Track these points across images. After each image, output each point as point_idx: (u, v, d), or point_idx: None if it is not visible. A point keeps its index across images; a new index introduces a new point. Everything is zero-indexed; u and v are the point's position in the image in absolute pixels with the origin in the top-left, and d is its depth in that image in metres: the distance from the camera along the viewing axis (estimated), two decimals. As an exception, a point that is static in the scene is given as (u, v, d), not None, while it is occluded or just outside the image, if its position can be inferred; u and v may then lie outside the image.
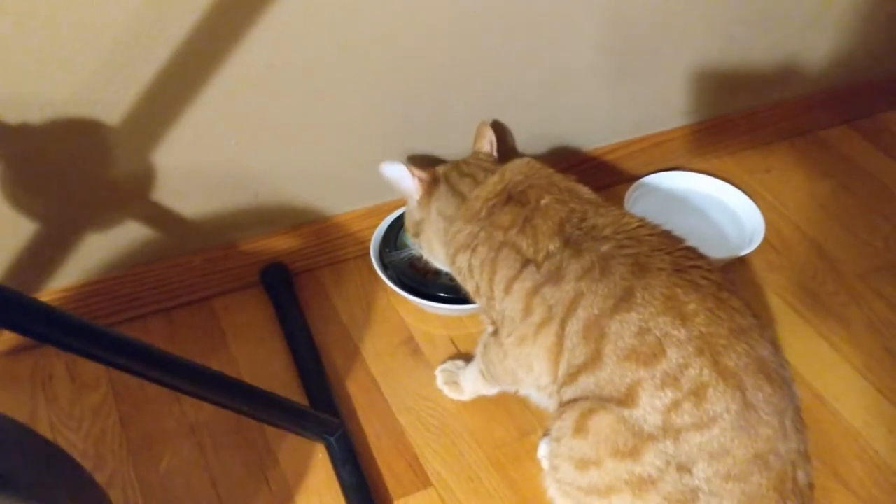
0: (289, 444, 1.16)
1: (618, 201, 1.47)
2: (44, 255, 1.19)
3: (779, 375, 0.88)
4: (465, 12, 1.22)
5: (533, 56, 1.33)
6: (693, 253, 0.97)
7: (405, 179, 1.17)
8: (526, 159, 1.12)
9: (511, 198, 1.06)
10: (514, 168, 1.10)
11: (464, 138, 1.35)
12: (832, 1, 1.52)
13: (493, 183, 1.09)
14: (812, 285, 1.41)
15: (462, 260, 1.08)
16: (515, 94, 1.37)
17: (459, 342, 1.30)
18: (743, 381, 0.85)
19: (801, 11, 1.51)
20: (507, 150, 1.42)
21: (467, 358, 1.23)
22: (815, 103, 1.68)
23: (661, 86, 1.50)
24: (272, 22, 1.09)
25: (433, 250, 1.20)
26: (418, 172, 1.17)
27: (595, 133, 1.50)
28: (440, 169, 1.19)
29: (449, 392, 1.21)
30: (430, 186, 1.17)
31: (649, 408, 0.87)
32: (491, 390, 1.17)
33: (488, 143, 1.21)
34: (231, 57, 1.10)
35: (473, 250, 1.06)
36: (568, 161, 1.50)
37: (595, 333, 0.92)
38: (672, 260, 0.93)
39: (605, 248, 0.96)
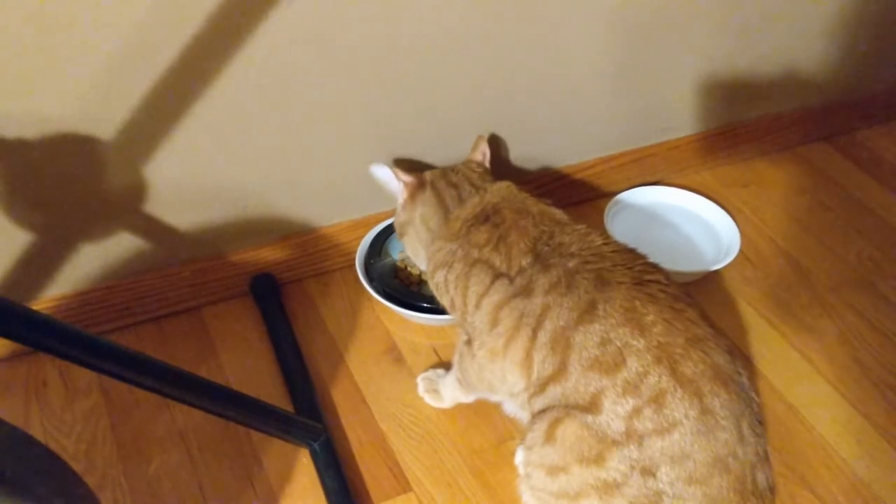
0: (274, 449, 1.19)
1: (598, 215, 1.51)
2: (38, 264, 1.22)
3: (734, 381, 0.92)
4: (452, 29, 1.26)
5: (518, 74, 1.37)
6: (652, 267, 1.01)
7: (391, 182, 1.25)
8: (506, 183, 1.18)
9: (487, 218, 1.11)
10: (493, 190, 1.16)
11: (451, 152, 1.39)
12: (813, 19, 1.56)
13: (473, 204, 1.14)
14: (786, 298, 1.45)
15: (440, 276, 1.13)
16: (501, 110, 1.40)
17: (441, 351, 1.33)
18: (700, 387, 0.89)
19: (782, 31, 1.55)
20: (501, 163, 1.46)
21: (448, 366, 1.26)
22: (793, 120, 1.72)
23: (643, 102, 1.53)
24: (261, 41, 1.13)
25: (416, 252, 1.25)
26: (403, 176, 1.23)
27: (577, 148, 1.54)
28: (427, 175, 1.24)
29: (429, 400, 1.25)
30: (416, 191, 1.22)
31: (612, 415, 0.91)
32: (469, 398, 1.21)
33: (481, 154, 1.26)
34: (221, 75, 1.14)
35: (450, 267, 1.11)
36: (550, 175, 1.53)
37: (561, 345, 0.96)
38: (632, 274, 0.98)
39: (571, 263, 1.00)
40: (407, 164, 1.38)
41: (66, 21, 1.01)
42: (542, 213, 1.11)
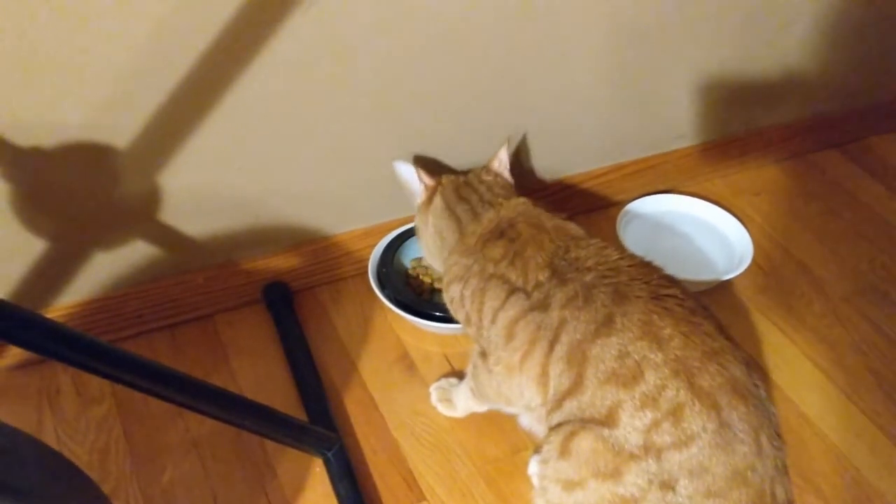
0: (287, 458, 1.19)
1: (610, 223, 1.51)
2: (52, 272, 1.22)
3: (752, 394, 0.91)
4: (461, 38, 1.26)
5: (530, 81, 1.37)
6: (669, 281, 1.01)
7: (413, 182, 1.26)
8: (522, 199, 1.19)
9: (503, 233, 1.12)
10: (508, 206, 1.17)
11: (463, 162, 1.39)
12: (824, 27, 1.56)
13: (488, 219, 1.15)
14: (798, 307, 1.44)
15: (455, 290, 1.13)
16: (512, 118, 1.40)
17: (454, 360, 1.33)
18: (718, 400, 0.89)
19: (793, 39, 1.55)
20: (513, 171, 1.46)
21: (461, 375, 1.26)
22: (804, 128, 1.72)
23: (654, 111, 1.53)
24: (274, 52, 1.13)
25: (430, 255, 1.28)
26: (426, 178, 1.25)
27: (589, 156, 1.54)
28: (443, 179, 1.25)
29: (442, 409, 1.25)
30: (431, 196, 1.24)
31: (630, 428, 0.90)
32: (482, 407, 1.21)
33: (497, 161, 1.27)
34: (235, 85, 1.14)
35: (465, 282, 1.11)
36: (562, 183, 1.53)
37: (578, 358, 0.96)
38: (649, 288, 0.98)
39: (588, 277, 1.01)
40: (428, 162, 1.38)
41: (80, 31, 1.01)
42: (557, 227, 1.11)
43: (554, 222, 1.12)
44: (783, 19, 1.51)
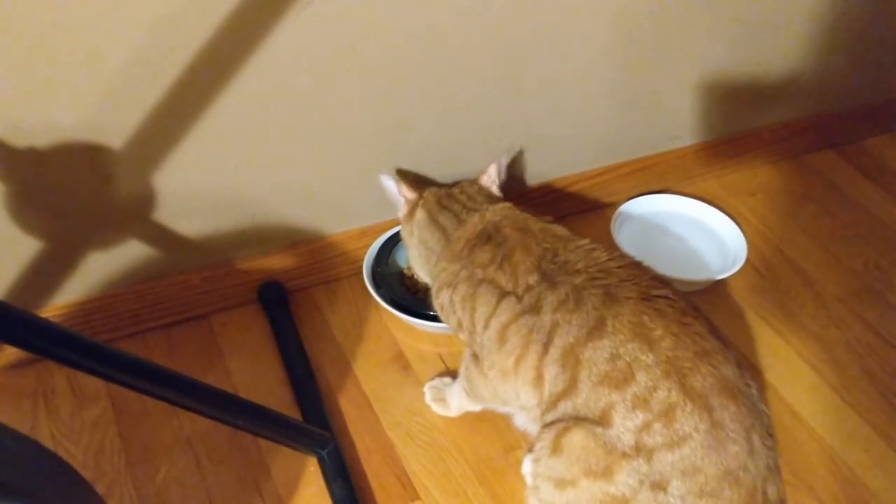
0: (282, 457, 1.19)
1: (604, 224, 1.51)
2: (47, 272, 1.22)
3: (743, 394, 0.92)
4: (460, 40, 1.26)
5: (524, 82, 1.37)
6: (659, 282, 1.02)
7: (395, 194, 1.28)
8: (506, 203, 1.19)
9: (489, 237, 1.12)
10: (493, 210, 1.17)
11: (458, 161, 1.39)
12: (820, 28, 1.56)
13: (473, 224, 1.15)
14: (793, 307, 1.45)
15: (445, 296, 1.13)
16: (506, 119, 1.41)
17: (448, 359, 1.33)
18: (709, 401, 0.89)
19: (789, 40, 1.55)
20: (507, 172, 1.46)
21: (455, 375, 1.27)
22: (800, 129, 1.72)
23: (650, 111, 1.54)
24: (270, 52, 1.13)
25: (417, 265, 1.29)
26: (406, 191, 1.26)
27: (584, 156, 1.54)
28: (426, 192, 1.26)
29: (436, 408, 1.25)
30: (413, 208, 1.25)
31: (622, 429, 0.91)
32: (475, 407, 1.21)
33: (486, 176, 1.27)
34: (230, 85, 1.14)
35: (455, 288, 1.11)
36: (556, 184, 1.54)
37: (571, 361, 0.96)
38: (639, 289, 0.98)
39: (578, 280, 1.01)
40: (413, 176, 1.39)
41: (75, 30, 1.02)
42: (543, 230, 1.11)
43: (540, 225, 1.12)
44: (779, 20, 1.51)
